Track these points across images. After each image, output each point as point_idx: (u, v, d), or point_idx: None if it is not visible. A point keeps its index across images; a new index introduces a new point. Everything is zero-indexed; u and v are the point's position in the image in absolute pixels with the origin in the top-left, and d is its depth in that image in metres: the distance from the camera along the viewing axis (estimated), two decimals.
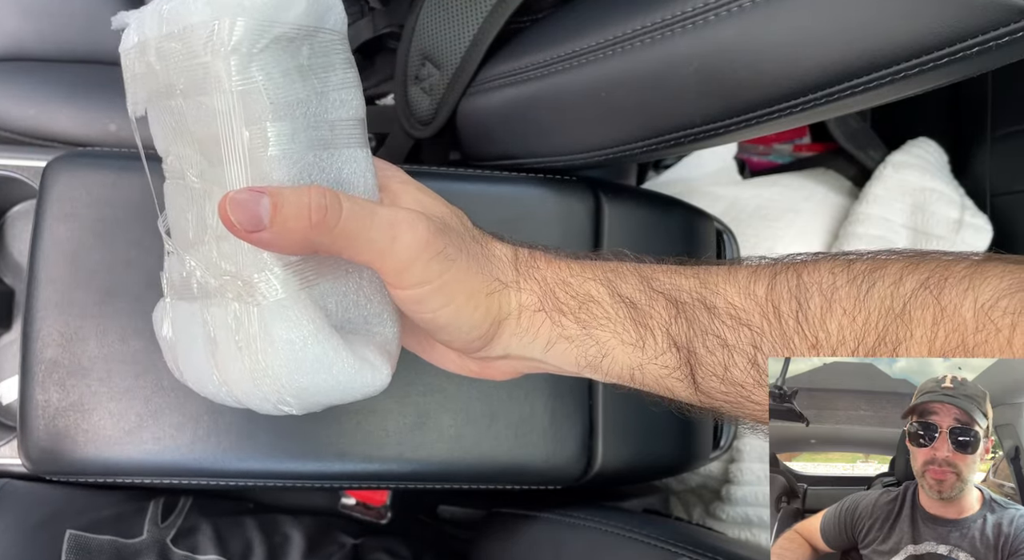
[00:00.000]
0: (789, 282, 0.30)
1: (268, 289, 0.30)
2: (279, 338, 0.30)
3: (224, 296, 0.31)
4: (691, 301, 0.32)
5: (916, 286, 0.27)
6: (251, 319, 0.30)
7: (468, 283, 0.32)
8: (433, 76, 0.57)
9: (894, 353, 0.28)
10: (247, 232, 0.28)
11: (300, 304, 0.30)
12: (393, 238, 0.30)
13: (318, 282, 0.31)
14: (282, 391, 0.31)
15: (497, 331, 0.34)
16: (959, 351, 0.26)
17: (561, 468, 0.53)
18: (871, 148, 0.86)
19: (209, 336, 0.31)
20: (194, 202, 0.31)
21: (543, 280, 0.35)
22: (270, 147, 0.29)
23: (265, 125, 0.29)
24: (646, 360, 0.33)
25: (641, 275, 0.34)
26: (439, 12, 0.54)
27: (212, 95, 0.29)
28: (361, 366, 0.31)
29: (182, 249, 0.32)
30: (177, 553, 0.51)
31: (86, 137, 0.62)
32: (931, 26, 0.33)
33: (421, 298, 0.31)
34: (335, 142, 0.31)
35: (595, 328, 0.34)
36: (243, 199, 0.28)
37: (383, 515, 0.72)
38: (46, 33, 0.66)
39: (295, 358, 0.30)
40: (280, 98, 0.29)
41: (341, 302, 0.32)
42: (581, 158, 0.52)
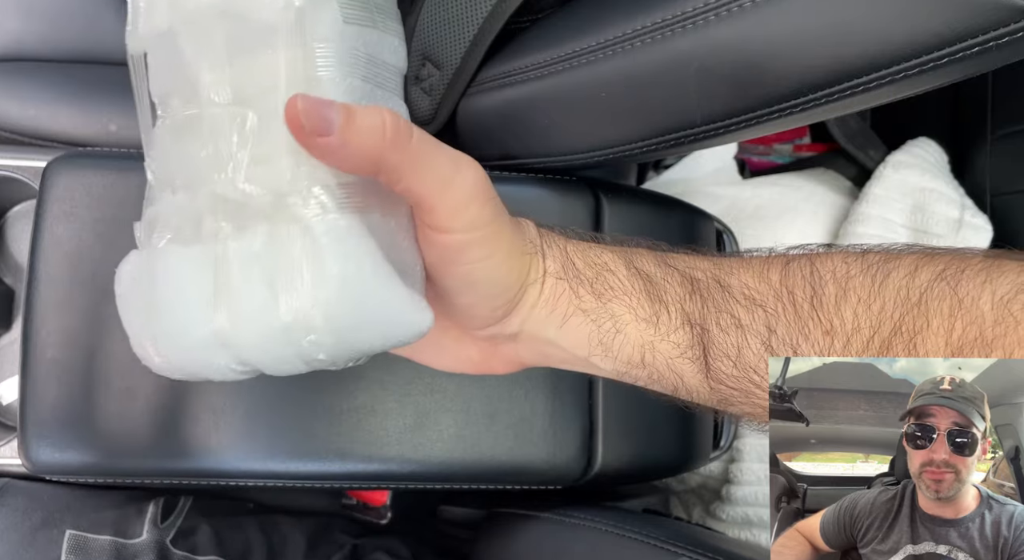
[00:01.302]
0: (803, 269, 0.30)
1: (320, 206, 0.26)
2: (331, 262, 0.26)
3: (252, 226, 0.27)
4: (706, 279, 0.32)
5: (932, 277, 0.27)
6: (294, 243, 0.26)
7: (510, 239, 0.32)
8: (433, 76, 0.57)
9: (911, 343, 0.27)
10: (316, 135, 0.25)
11: (356, 226, 0.27)
12: (458, 171, 0.29)
13: (369, 213, 0.28)
14: (324, 329, 0.27)
15: (521, 299, 0.33)
16: (977, 344, 0.26)
17: (561, 468, 0.53)
18: (871, 148, 0.86)
19: (214, 278, 0.27)
20: (213, 133, 0.28)
21: (563, 249, 0.34)
22: (329, 68, 0.27)
23: (328, 45, 0.27)
24: (658, 337, 0.33)
25: (656, 254, 0.34)
26: (439, 12, 0.54)
27: (268, 9, 0.26)
28: (414, 303, 0.28)
29: (188, 188, 0.29)
30: (176, 554, 0.51)
31: (86, 137, 0.62)
32: (931, 26, 0.33)
33: (466, 245, 0.30)
34: (386, 84, 0.30)
35: (610, 300, 0.33)
36: (312, 102, 0.25)
37: (383, 515, 0.72)
38: (46, 33, 0.66)
39: (348, 287, 0.26)
40: (347, 20, 0.27)
41: (386, 237, 0.29)
42: (581, 158, 0.52)
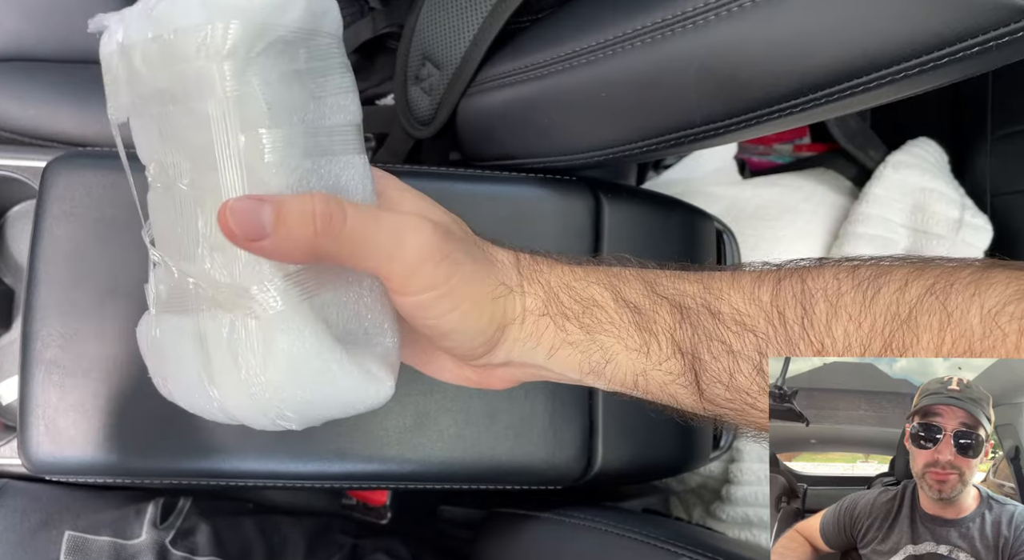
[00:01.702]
0: (794, 288, 0.30)
1: (268, 300, 0.29)
2: (280, 351, 0.29)
3: (219, 308, 0.30)
4: (695, 306, 0.32)
5: (922, 292, 0.27)
6: (249, 332, 0.29)
7: (474, 288, 0.32)
8: (433, 76, 0.57)
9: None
10: (248, 240, 0.27)
11: (301, 315, 0.29)
12: (400, 242, 0.29)
13: (319, 293, 0.30)
14: (282, 406, 0.30)
15: (501, 337, 0.34)
16: (967, 357, 0.26)
17: (561, 468, 0.53)
18: (871, 148, 0.86)
19: (202, 350, 0.30)
20: (184, 212, 0.30)
21: (547, 284, 0.34)
22: (266, 154, 0.28)
23: (261, 132, 0.28)
24: (650, 366, 0.33)
25: (645, 280, 0.34)
26: (439, 12, 0.54)
27: (206, 101, 0.27)
28: (365, 378, 0.31)
29: (172, 260, 0.31)
30: (176, 554, 0.51)
31: (86, 137, 0.62)
32: (931, 26, 0.33)
33: (427, 304, 0.31)
34: (332, 148, 0.30)
35: (599, 333, 0.33)
36: (243, 207, 0.27)
37: (383, 515, 0.72)
38: (46, 33, 0.66)
39: (297, 372, 0.29)
40: (277, 104, 0.28)
41: (342, 313, 0.31)
42: (581, 158, 0.52)
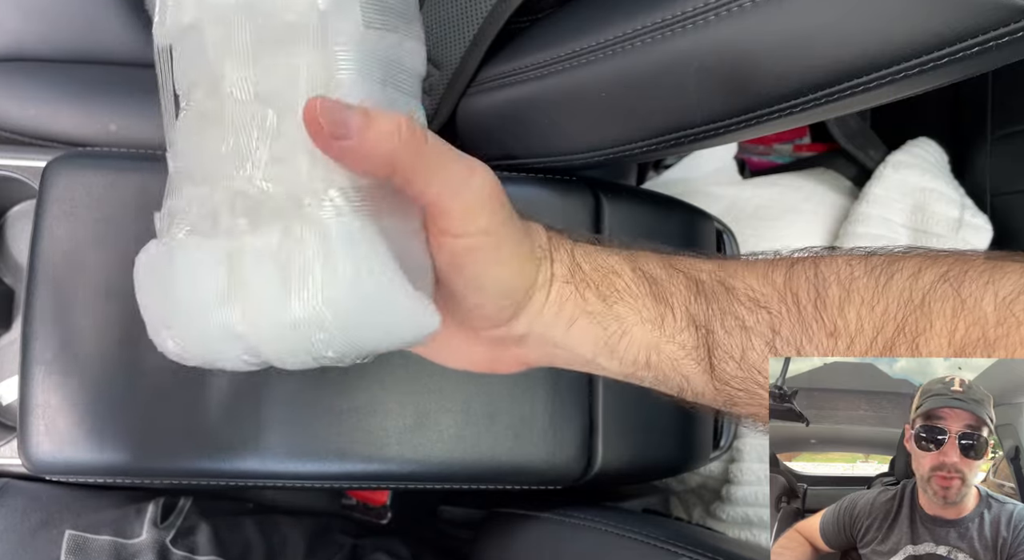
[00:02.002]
0: (807, 271, 0.31)
1: (335, 208, 0.27)
2: (342, 263, 0.27)
3: (267, 224, 0.28)
4: (711, 281, 0.33)
5: (935, 279, 0.27)
6: (306, 244, 0.27)
7: (520, 243, 0.32)
8: (433, 76, 0.57)
9: (914, 344, 0.28)
10: (334, 139, 0.27)
11: (369, 229, 0.28)
12: (470, 176, 0.29)
13: (381, 217, 0.29)
14: (334, 329, 0.28)
15: (528, 303, 0.34)
16: (980, 344, 0.26)
17: (561, 468, 0.53)
18: (871, 148, 0.86)
19: (232, 276, 0.28)
20: (236, 129, 0.29)
21: (570, 252, 0.35)
22: (349, 71, 0.27)
23: (348, 49, 0.27)
24: (664, 339, 0.33)
25: (661, 255, 0.35)
26: (439, 12, 0.54)
27: (291, 11, 0.27)
28: (422, 304, 0.29)
29: (209, 182, 0.30)
30: (176, 554, 0.51)
31: (86, 137, 0.62)
32: (931, 26, 0.33)
33: (477, 248, 0.31)
34: (402, 87, 0.30)
35: (616, 302, 0.34)
36: (333, 106, 0.26)
37: (383, 515, 0.72)
38: (47, 33, 0.66)
39: (360, 287, 0.27)
40: (367, 25, 0.28)
41: (394, 246, 0.29)
42: (581, 158, 0.52)
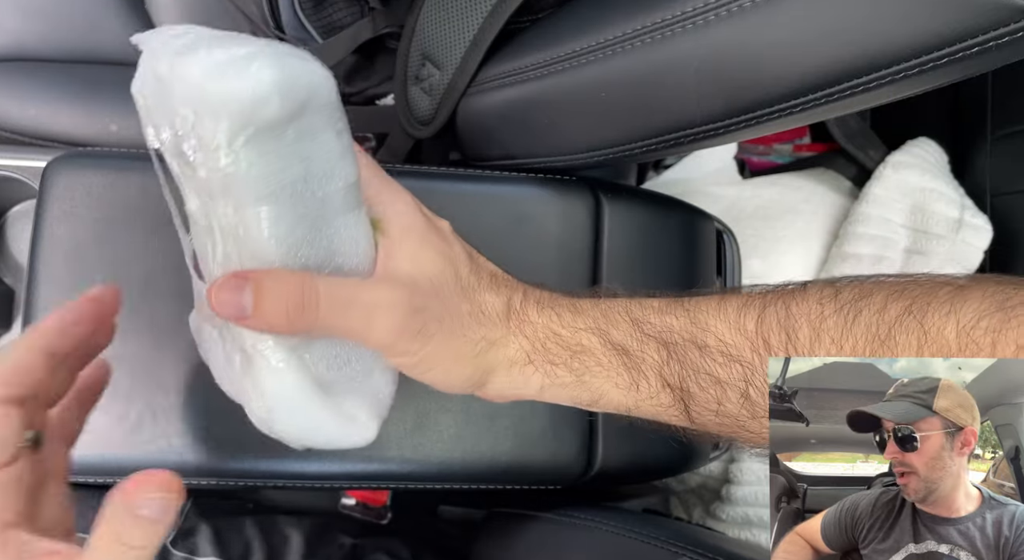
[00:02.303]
0: (778, 314, 0.32)
1: (259, 354, 0.32)
2: (267, 393, 0.32)
3: (231, 345, 0.34)
4: (682, 342, 0.34)
5: (900, 312, 0.29)
6: (245, 370, 0.33)
7: (452, 349, 0.34)
8: (433, 76, 0.57)
9: None
10: (234, 319, 0.30)
11: (291, 370, 0.32)
12: (369, 325, 0.32)
13: (308, 348, 0.33)
14: (278, 434, 0.34)
15: (488, 379, 0.36)
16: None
17: (561, 468, 0.53)
18: (871, 148, 0.86)
19: (228, 358, 0.34)
20: (202, 249, 0.33)
21: (533, 335, 0.36)
22: (255, 228, 0.30)
23: (255, 210, 0.30)
24: (641, 400, 0.35)
25: (632, 318, 0.35)
26: (439, 12, 0.54)
27: (205, 168, 0.29)
28: (345, 423, 0.34)
29: (206, 275, 0.34)
30: (176, 555, 0.51)
31: (86, 137, 0.62)
32: (931, 26, 0.33)
33: (406, 365, 0.34)
34: (324, 214, 0.31)
35: (587, 376, 0.36)
36: (226, 294, 0.30)
37: (383, 515, 0.72)
38: (47, 34, 0.66)
39: (281, 411, 0.33)
40: (267, 182, 0.29)
41: (332, 363, 0.35)
42: (581, 158, 0.52)
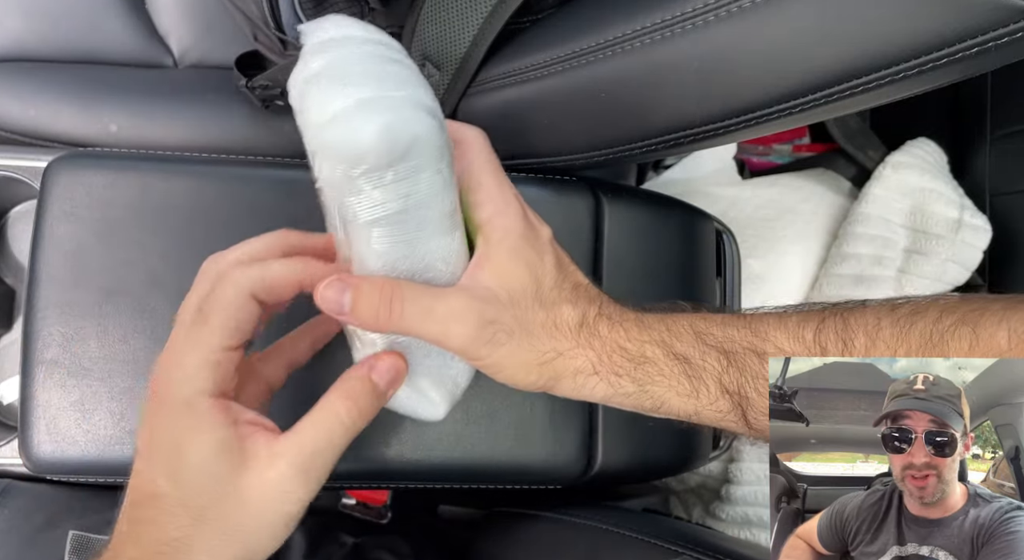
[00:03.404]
0: (836, 325, 0.33)
1: (361, 341, 0.40)
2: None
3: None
4: (742, 350, 0.35)
5: (954, 321, 0.29)
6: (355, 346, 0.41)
7: (520, 357, 0.37)
8: (433, 76, 0.57)
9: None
10: (335, 314, 0.35)
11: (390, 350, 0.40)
12: (445, 332, 0.36)
13: (401, 338, 0.40)
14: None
15: (555, 384, 0.39)
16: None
17: (561, 467, 0.53)
18: (871, 148, 0.86)
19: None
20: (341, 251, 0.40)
21: (601, 348, 0.38)
22: (365, 244, 0.36)
23: (362, 231, 0.36)
24: (701, 407, 0.37)
25: (696, 330, 0.37)
26: (439, 12, 0.54)
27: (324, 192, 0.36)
28: (418, 400, 0.41)
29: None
30: None
31: (86, 137, 0.62)
32: (931, 26, 0.33)
33: (480, 366, 0.38)
34: (420, 236, 0.37)
35: (650, 384, 0.38)
36: (330, 292, 0.35)
37: (383, 515, 0.72)
38: (47, 34, 0.66)
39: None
40: (370, 211, 0.35)
41: (418, 351, 0.40)
42: (581, 158, 0.52)
